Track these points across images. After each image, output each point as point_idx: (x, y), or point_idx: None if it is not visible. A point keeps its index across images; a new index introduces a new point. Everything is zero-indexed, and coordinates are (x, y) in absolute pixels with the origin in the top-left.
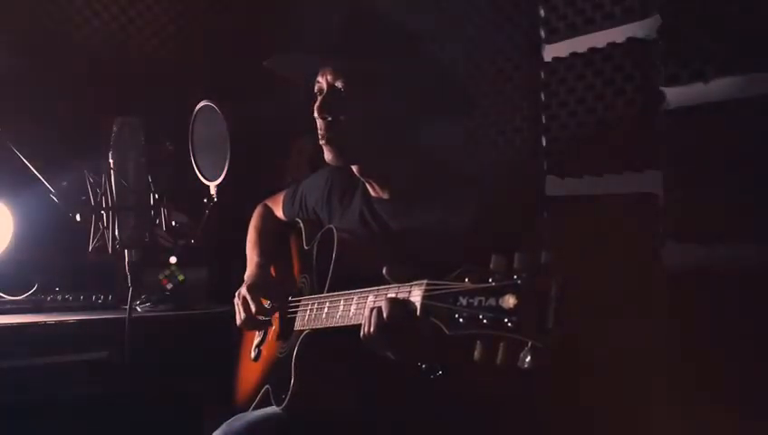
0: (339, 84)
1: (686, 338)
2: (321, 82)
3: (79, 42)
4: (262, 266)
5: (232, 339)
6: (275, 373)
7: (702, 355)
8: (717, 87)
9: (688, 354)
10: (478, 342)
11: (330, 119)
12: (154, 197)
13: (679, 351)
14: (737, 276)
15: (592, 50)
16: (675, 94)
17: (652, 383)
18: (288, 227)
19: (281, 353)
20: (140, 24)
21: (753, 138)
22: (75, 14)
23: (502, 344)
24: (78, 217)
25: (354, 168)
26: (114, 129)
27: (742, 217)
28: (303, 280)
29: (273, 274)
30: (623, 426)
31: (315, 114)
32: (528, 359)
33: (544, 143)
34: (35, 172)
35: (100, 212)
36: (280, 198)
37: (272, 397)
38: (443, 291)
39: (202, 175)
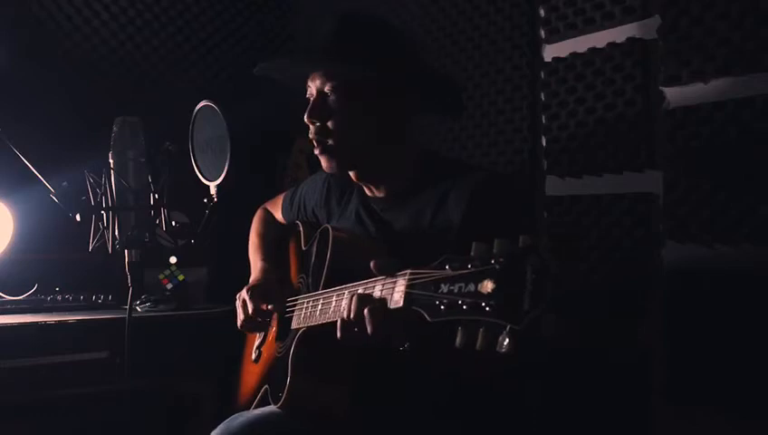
0: (327, 89)
1: (686, 338)
2: (311, 87)
3: (79, 42)
4: (266, 271)
5: (232, 339)
6: (274, 373)
7: (702, 355)
8: (717, 87)
9: (688, 354)
10: (459, 328)
11: (318, 124)
12: (154, 197)
13: (679, 351)
14: (737, 276)
15: (592, 50)
16: (675, 94)
17: (652, 383)
18: (288, 229)
19: (279, 353)
20: (140, 24)
21: (753, 138)
22: (75, 14)
23: (481, 329)
24: (78, 217)
25: (351, 173)
26: (114, 129)
27: (742, 217)
28: (301, 280)
29: (276, 277)
30: (623, 426)
31: (305, 119)
32: (506, 342)
33: (544, 143)
34: (35, 172)
35: (100, 212)
36: (279, 200)
37: (270, 396)
38: (425, 279)
39: (202, 175)
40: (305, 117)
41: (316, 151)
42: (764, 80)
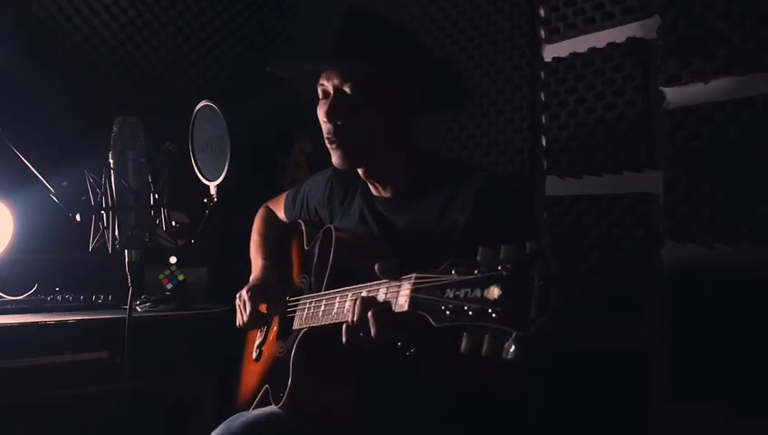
0: (346, 88)
1: (686, 338)
2: (327, 85)
3: (79, 42)
4: (267, 269)
5: (232, 339)
6: (275, 372)
7: (702, 355)
8: (717, 87)
9: (688, 354)
10: (465, 333)
11: (339, 123)
12: (154, 197)
13: (679, 351)
14: (737, 276)
15: (592, 50)
16: (675, 94)
17: (652, 383)
18: (290, 228)
19: (280, 353)
20: (140, 24)
21: (753, 138)
22: (75, 14)
23: (487, 335)
24: (78, 217)
25: (360, 170)
26: (114, 129)
27: (742, 217)
28: (303, 280)
29: (277, 277)
30: (623, 426)
31: (323, 118)
32: (512, 349)
33: (544, 143)
34: (35, 172)
35: (100, 212)
36: (282, 199)
37: (270, 396)
38: (430, 284)
39: (202, 175)
40: (323, 115)
41: (330, 147)
42: (764, 80)
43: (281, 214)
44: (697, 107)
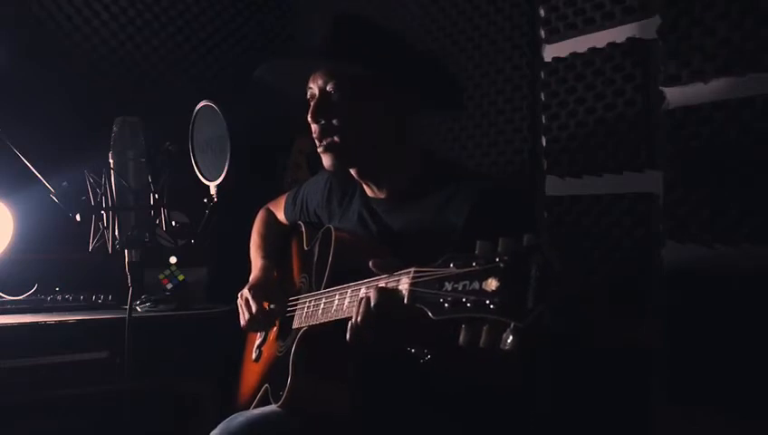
0: (329, 88)
1: (686, 338)
2: (313, 87)
3: (79, 42)
4: (266, 269)
5: (232, 339)
6: (274, 372)
7: (702, 355)
8: (717, 87)
9: (688, 354)
10: (463, 326)
11: (323, 123)
12: (154, 197)
13: (679, 351)
14: (737, 276)
15: (592, 50)
16: (675, 94)
17: (652, 383)
18: (290, 229)
19: (280, 352)
20: (140, 24)
21: (753, 138)
22: (75, 14)
23: (485, 327)
24: (78, 217)
25: (353, 171)
26: (114, 129)
27: (742, 217)
28: (303, 279)
29: (277, 276)
30: (623, 426)
31: (309, 119)
32: (510, 340)
33: (544, 143)
34: (35, 172)
35: (100, 212)
36: (282, 201)
37: (270, 395)
38: (429, 277)
39: (202, 175)
40: (309, 117)
41: (319, 150)
42: (764, 80)
43: (281, 215)
44: (697, 107)
